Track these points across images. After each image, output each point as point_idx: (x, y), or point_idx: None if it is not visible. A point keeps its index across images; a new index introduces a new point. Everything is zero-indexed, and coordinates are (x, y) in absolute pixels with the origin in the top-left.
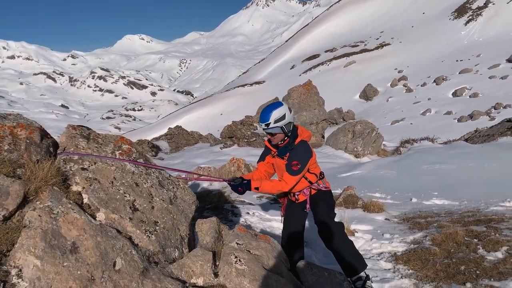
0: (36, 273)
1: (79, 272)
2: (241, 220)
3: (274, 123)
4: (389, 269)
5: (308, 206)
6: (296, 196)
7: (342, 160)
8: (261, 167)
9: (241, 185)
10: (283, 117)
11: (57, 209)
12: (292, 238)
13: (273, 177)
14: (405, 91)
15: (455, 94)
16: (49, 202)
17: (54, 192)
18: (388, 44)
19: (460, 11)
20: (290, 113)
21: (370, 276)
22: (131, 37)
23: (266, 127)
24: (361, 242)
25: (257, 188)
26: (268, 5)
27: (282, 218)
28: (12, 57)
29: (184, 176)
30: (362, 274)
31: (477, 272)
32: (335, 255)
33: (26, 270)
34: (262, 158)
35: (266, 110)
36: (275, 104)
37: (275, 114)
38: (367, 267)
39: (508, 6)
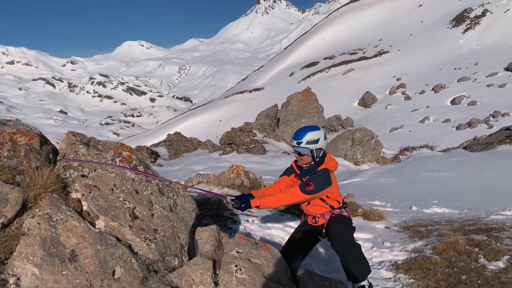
0: (34, 282)
1: (78, 281)
2: (241, 227)
3: (306, 143)
4: (390, 278)
5: (324, 231)
6: (316, 219)
7: (342, 168)
8: (282, 181)
9: (240, 208)
10: (316, 141)
11: (56, 217)
12: (294, 248)
13: None
14: (403, 98)
15: (453, 102)
16: (48, 210)
17: (54, 199)
18: (387, 52)
19: (458, 20)
20: (324, 140)
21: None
22: (131, 44)
23: (297, 145)
24: None
25: (257, 207)
26: (267, 13)
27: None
28: (12, 62)
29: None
30: (365, 282)
31: (479, 281)
32: (340, 257)
33: (24, 278)
34: (286, 173)
35: (302, 129)
36: (313, 127)
37: (310, 135)
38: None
39: (505, 15)
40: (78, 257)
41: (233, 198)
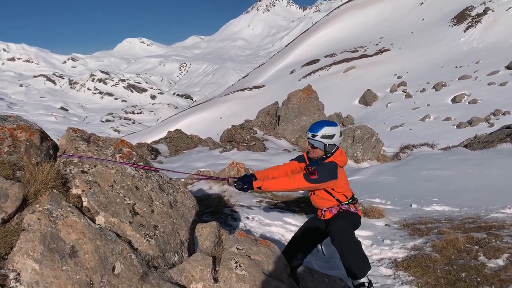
0: (34, 277)
1: (78, 276)
2: (241, 224)
3: (321, 137)
4: (389, 276)
5: None
6: (323, 213)
7: None
8: (291, 165)
9: (243, 189)
10: (331, 136)
11: (56, 212)
12: (296, 247)
13: None
14: (404, 96)
15: (454, 100)
16: (48, 205)
17: (54, 195)
18: (388, 50)
19: (459, 18)
20: (340, 137)
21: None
22: (132, 40)
23: (311, 137)
24: None
25: (259, 188)
26: (268, 10)
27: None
28: (12, 59)
29: (185, 177)
30: (365, 280)
31: (478, 279)
32: (340, 254)
33: (25, 274)
34: (298, 159)
35: (319, 123)
36: (331, 122)
37: (326, 130)
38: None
39: (507, 13)
40: (78, 252)
41: (236, 179)
